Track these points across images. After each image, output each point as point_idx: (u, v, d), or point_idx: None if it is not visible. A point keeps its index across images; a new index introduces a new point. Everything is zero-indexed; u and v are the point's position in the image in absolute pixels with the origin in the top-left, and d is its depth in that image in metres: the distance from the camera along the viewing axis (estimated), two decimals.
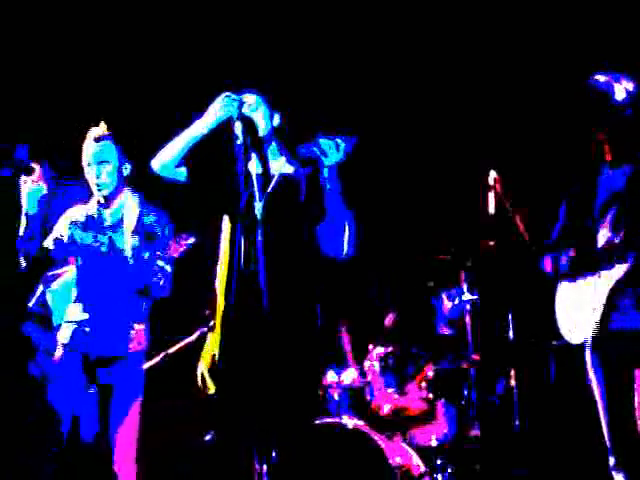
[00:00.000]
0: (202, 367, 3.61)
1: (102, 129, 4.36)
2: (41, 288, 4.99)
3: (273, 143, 3.79)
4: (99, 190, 4.31)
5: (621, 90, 3.75)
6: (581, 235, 3.81)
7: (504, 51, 5.98)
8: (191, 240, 4.69)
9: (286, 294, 3.54)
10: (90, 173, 4.31)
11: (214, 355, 3.57)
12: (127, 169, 4.37)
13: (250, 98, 3.71)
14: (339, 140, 3.58)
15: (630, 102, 3.75)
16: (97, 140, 4.31)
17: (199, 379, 3.61)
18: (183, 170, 3.69)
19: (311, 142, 3.68)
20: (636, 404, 3.64)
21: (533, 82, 5.91)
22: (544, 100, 5.79)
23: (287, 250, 3.60)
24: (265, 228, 3.47)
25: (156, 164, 3.70)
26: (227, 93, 3.59)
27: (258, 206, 3.55)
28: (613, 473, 3.71)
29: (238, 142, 3.53)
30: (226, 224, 3.70)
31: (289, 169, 3.76)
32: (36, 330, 4.99)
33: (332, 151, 3.57)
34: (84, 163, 4.34)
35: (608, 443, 3.72)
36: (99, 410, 4.22)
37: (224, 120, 3.59)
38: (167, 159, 3.67)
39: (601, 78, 3.78)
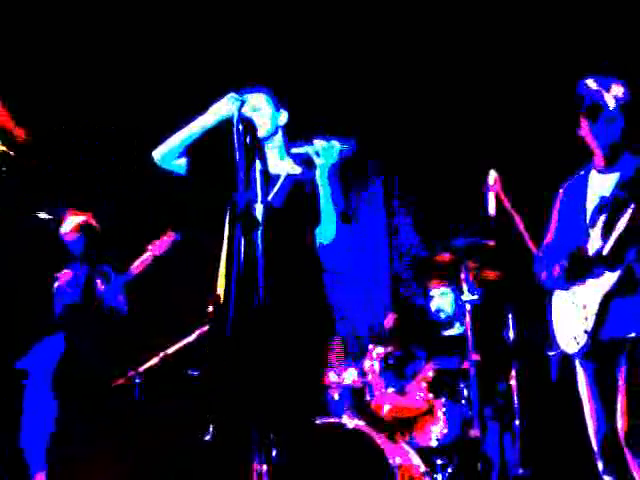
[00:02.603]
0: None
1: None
2: None
3: (281, 143, 3.79)
4: None
5: (611, 98, 3.73)
6: (573, 239, 3.81)
7: (504, 52, 5.98)
8: (173, 237, 4.74)
9: (288, 295, 3.54)
10: None
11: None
12: None
13: (255, 98, 3.70)
14: (334, 142, 3.57)
15: (619, 109, 3.74)
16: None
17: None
18: (182, 163, 3.71)
19: (305, 142, 3.67)
20: (619, 403, 3.66)
21: (533, 82, 5.90)
22: (544, 100, 5.79)
23: (290, 251, 3.59)
24: (268, 228, 3.46)
25: (156, 155, 3.74)
26: (231, 93, 3.59)
27: (259, 207, 3.54)
28: (604, 477, 3.73)
29: (238, 142, 3.53)
30: (228, 221, 3.69)
31: (297, 170, 3.75)
32: None
33: (326, 153, 3.56)
34: None
35: (595, 448, 3.75)
36: None
37: (224, 119, 3.59)
38: (166, 151, 3.71)
39: (592, 85, 3.76)
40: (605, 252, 3.65)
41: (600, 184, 3.80)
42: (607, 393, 3.72)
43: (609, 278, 3.64)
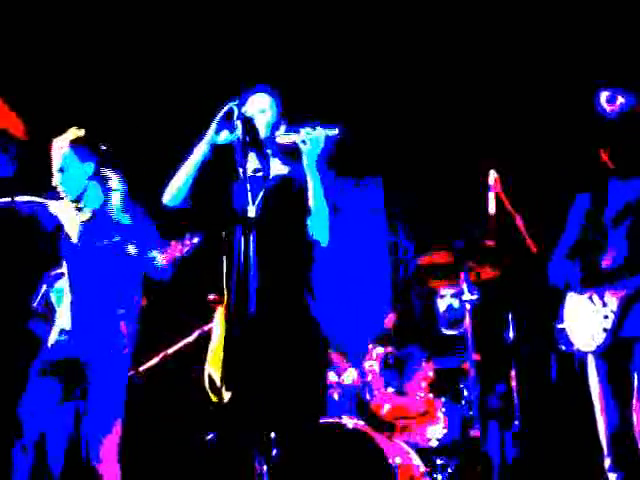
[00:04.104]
0: (211, 371, 3.57)
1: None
2: (44, 287, 4.99)
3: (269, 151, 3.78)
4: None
5: (626, 109, 3.75)
6: (592, 249, 3.81)
7: (505, 51, 5.98)
8: (195, 240, 4.71)
9: (284, 294, 3.54)
10: None
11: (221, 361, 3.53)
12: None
13: (261, 98, 3.69)
14: (320, 129, 3.53)
15: (627, 116, 3.75)
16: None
17: (207, 383, 3.57)
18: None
19: (291, 130, 3.64)
20: (634, 405, 3.66)
21: (533, 82, 5.91)
22: (544, 100, 5.80)
23: (283, 251, 3.58)
24: (261, 229, 3.46)
25: (166, 199, 3.67)
26: (217, 119, 3.55)
27: (251, 208, 3.54)
28: (609, 474, 3.73)
29: (240, 142, 3.52)
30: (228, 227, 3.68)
31: (284, 170, 3.74)
32: (41, 327, 4.98)
33: (313, 140, 3.52)
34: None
35: (605, 445, 3.74)
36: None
37: (220, 144, 3.57)
38: (174, 192, 3.64)
39: (605, 99, 3.78)
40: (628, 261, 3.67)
41: (622, 191, 3.81)
42: (619, 391, 3.72)
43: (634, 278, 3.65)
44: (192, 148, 3.62)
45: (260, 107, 3.69)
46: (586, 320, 3.76)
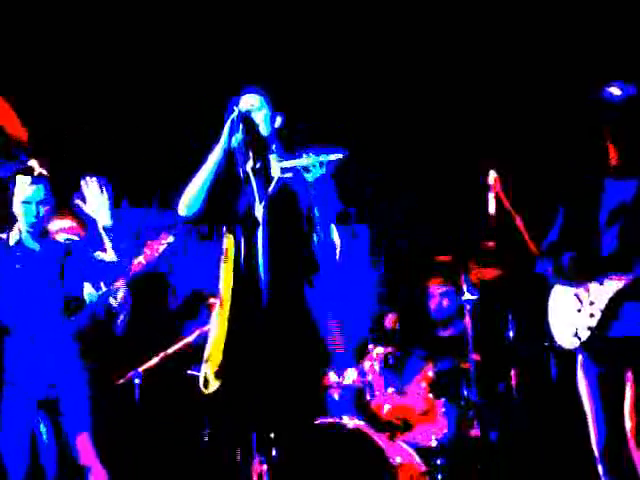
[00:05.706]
0: (206, 368, 3.57)
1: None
2: None
3: (274, 145, 3.78)
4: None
5: (634, 105, 3.73)
6: (584, 241, 3.80)
7: (504, 52, 5.99)
8: (170, 239, 4.67)
9: (287, 294, 3.54)
10: None
11: (218, 357, 3.53)
12: None
13: (252, 98, 3.70)
14: (323, 155, 3.52)
15: (628, 102, 3.74)
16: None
17: (202, 380, 3.57)
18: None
19: (294, 154, 3.64)
20: (627, 406, 3.64)
21: (533, 82, 5.91)
22: (544, 100, 5.80)
23: (288, 251, 3.58)
24: (267, 229, 3.46)
25: (182, 210, 3.60)
26: (228, 124, 3.54)
27: (259, 207, 3.53)
28: None
29: (238, 141, 3.52)
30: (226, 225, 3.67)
31: (288, 173, 3.73)
32: None
33: (316, 168, 3.52)
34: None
35: (596, 451, 3.72)
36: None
37: (231, 148, 3.56)
38: (189, 201, 3.58)
39: (616, 92, 3.76)
40: (619, 255, 3.65)
41: (618, 189, 3.79)
42: (610, 395, 3.70)
43: (621, 279, 3.63)
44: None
45: (255, 104, 3.69)
46: (570, 316, 3.74)
